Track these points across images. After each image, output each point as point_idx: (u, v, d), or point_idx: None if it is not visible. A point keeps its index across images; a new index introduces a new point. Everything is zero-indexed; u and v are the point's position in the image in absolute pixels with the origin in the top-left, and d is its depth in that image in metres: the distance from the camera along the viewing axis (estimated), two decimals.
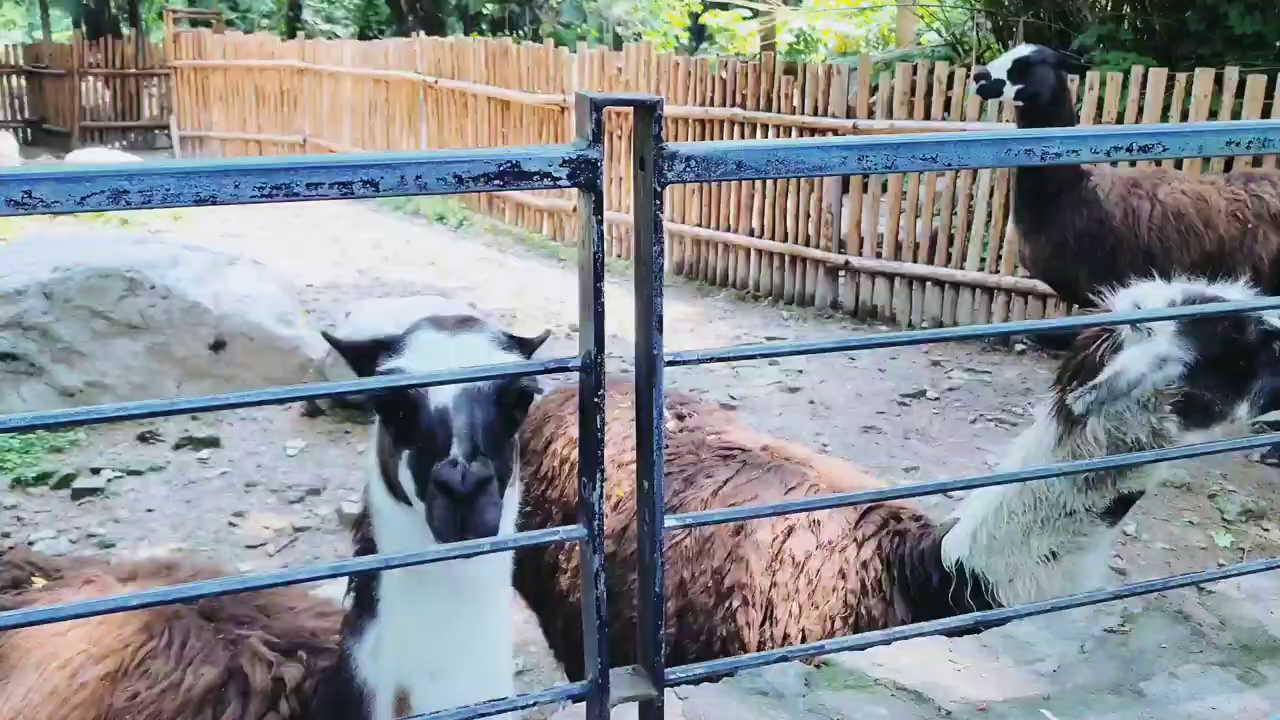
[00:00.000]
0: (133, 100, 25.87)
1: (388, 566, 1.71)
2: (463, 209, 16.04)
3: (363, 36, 30.14)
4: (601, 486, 1.65)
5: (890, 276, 10.74)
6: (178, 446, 8.00)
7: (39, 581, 2.75)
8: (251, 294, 9.32)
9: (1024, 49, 7.32)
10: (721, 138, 11.99)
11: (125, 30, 29.58)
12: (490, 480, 1.86)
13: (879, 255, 10.84)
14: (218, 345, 8.96)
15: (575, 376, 1.63)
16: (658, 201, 1.57)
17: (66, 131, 24.91)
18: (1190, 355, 2.59)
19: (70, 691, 2.35)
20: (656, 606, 1.72)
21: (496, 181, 1.49)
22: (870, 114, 10.74)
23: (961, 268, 10.20)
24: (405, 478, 1.95)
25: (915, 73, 10.42)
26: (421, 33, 18.45)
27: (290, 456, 7.92)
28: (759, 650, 3.01)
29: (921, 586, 2.97)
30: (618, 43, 27.96)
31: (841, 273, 11.17)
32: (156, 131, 24.85)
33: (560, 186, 1.52)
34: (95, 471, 7.47)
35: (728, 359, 1.71)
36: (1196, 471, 6.99)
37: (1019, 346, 9.85)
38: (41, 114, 25.87)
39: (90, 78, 25.63)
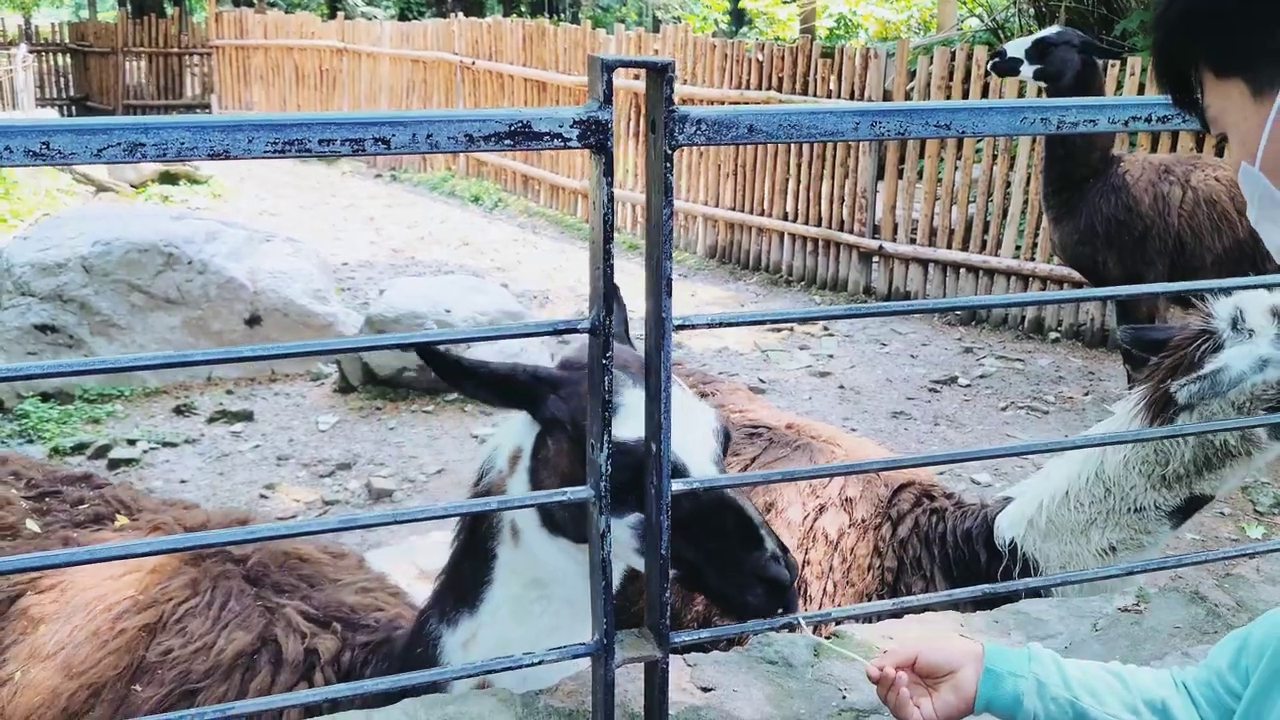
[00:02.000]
0: (175, 79, 26.16)
1: (397, 521, 1.73)
2: (498, 190, 16.09)
3: (403, 18, 30.26)
4: (609, 448, 1.66)
5: (924, 263, 10.67)
6: (211, 420, 8.10)
7: (121, 520, 2.81)
8: (287, 271, 9.43)
9: (1048, 30, 7.27)
10: None
11: (169, 9, 29.88)
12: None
13: (913, 241, 10.77)
14: (253, 321, 9.07)
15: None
16: (668, 164, 1.58)
17: (110, 109, 25.23)
18: None
19: (110, 635, 2.40)
20: (662, 569, 1.73)
21: (507, 141, 1.50)
22: (908, 98, 10.66)
23: (996, 254, 10.11)
24: (627, 536, 1.91)
25: (954, 58, 10.33)
26: (460, 14, 18.49)
27: (322, 431, 8.00)
28: (791, 630, 3.02)
29: (967, 566, 2.96)
30: (657, 26, 27.88)
31: (875, 258, 11.10)
32: (198, 110, 25.10)
33: (570, 147, 1.53)
34: (131, 442, 7.60)
35: (737, 324, 1.72)
36: None
37: (1053, 335, 9.77)
38: (86, 92, 26.22)
39: (134, 56, 25.93)
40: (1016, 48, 7.14)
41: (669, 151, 1.57)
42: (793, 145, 11.63)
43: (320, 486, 7.16)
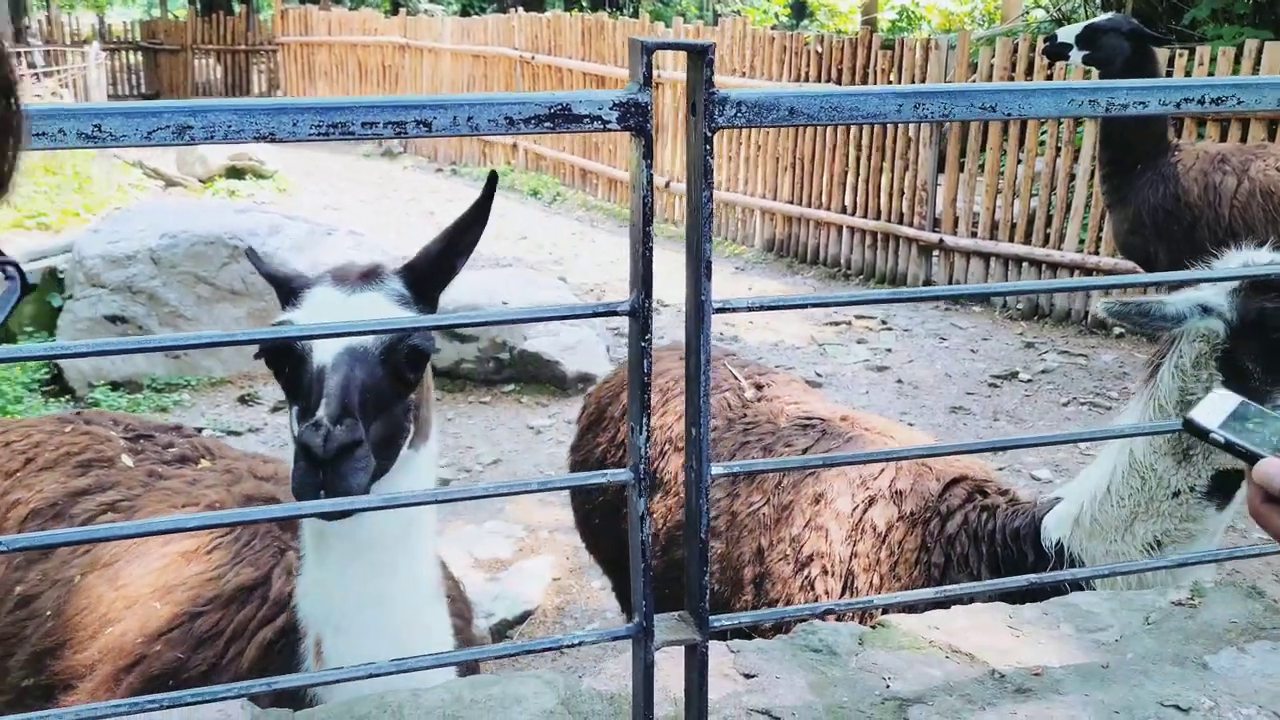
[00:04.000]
0: (243, 75, 26.66)
1: (411, 503, 1.76)
2: (556, 184, 16.17)
3: (465, 14, 30.49)
4: (648, 431, 1.67)
5: (985, 256, 10.52)
6: (275, 409, 8.25)
7: (205, 463, 3.03)
8: None
9: (1101, 17, 7.18)
10: None
11: (236, 7, 30.43)
12: (356, 444, 1.84)
13: (974, 234, 10.62)
14: None
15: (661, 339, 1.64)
16: (708, 147, 1.58)
17: None
18: (1231, 313, 2.57)
19: (155, 558, 2.56)
20: (701, 553, 1.74)
21: (547, 123, 1.51)
22: None
23: (1059, 248, 9.94)
24: (295, 432, 1.97)
25: (1016, 49, 10.17)
26: (520, 9, 18.60)
27: None
28: (839, 621, 3.00)
29: (1015, 565, 2.91)
30: (717, 20, 27.82)
31: (935, 252, 10.98)
32: None
33: (610, 130, 1.54)
34: (197, 431, 7.74)
35: (777, 307, 1.72)
36: None
37: (1117, 330, 9.58)
38: (156, 89, 26.80)
39: (202, 53, 26.47)
40: (1068, 33, 7.06)
41: (709, 134, 1.57)
42: (851, 137, 11.53)
43: None
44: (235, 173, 17.01)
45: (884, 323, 9.93)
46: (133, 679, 2.26)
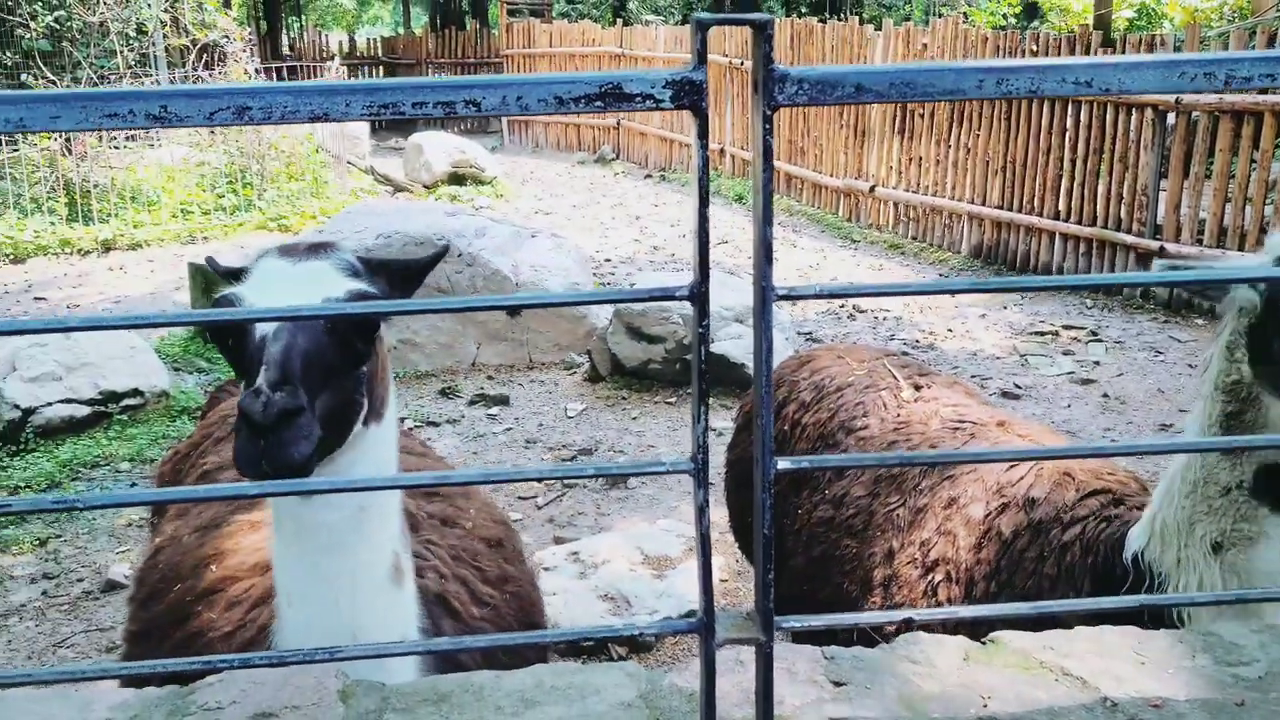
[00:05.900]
0: None
1: (429, 484, 1.76)
2: None
3: (684, 22, 30.82)
4: (707, 419, 1.62)
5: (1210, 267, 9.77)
6: (472, 402, 8.56)
7: None
8: (548, 265, 9.84)
9: None
10: (1030, 114, 11.33)
11: (468, 23, 31.89)
12: (298, 412, 1.79)
13: (1199, 242, 9.88)
14: (514, 311, 9.51)
15: (784, 342, 1.60)
16: (767, 126, 1.52)
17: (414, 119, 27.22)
18: (1270, 287, 2.28)
19: (232, 525, 2.69)
20: (765, 549, 1.67)
21: (598, 102, 1.49)
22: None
23: None
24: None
25: (1251, 46, 9.40)
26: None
27: (569, 418, 8.29)
28: (956, 632, 2.87)
29: (1110, 578, 2.73)
30: (930, 22, 27.00)
31: (1155, 260, 10.28)
32: (491, 118, 26.63)
33: (663, 108, 1.51)
34: (400, 420, 8.15)
35: (846, 295, 1.63)
36: None
37: None
38: None
39: (435, 67, 27.87)
40: None
41: (768, 112, 1.51)
42: (1067, 140, 10.96)
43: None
44: (457, 179, 17.83)
45: (1094, 334, 9.39)
46: (178, 635, 2.39)
